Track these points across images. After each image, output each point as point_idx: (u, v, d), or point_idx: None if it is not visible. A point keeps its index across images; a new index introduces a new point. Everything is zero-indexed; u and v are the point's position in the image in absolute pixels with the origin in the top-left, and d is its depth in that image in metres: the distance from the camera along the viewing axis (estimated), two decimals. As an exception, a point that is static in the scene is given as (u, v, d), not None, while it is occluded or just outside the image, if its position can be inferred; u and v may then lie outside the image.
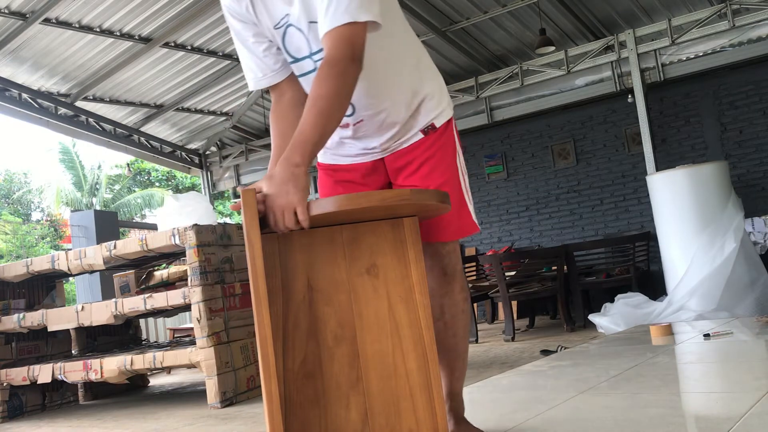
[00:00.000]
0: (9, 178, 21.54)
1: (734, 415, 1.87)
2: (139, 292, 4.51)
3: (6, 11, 5.84)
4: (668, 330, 3.93)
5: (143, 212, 18.98)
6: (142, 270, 4.98)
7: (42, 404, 4.65)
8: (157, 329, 7.88)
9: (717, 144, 6.78)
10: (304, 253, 1.46)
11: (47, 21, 6.06)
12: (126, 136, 8.28)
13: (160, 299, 3.93)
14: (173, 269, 4.90)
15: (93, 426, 3.82)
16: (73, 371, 4.16)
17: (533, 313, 6.61)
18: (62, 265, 4.31)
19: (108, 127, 8.02)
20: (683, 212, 5.30)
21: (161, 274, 4.92)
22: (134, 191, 19.85)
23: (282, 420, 1.31)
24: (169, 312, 4.82)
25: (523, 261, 6.02)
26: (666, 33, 6.28)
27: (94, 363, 4.07)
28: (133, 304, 4.00)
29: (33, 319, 4.35)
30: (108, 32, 6.43)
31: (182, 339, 6.21)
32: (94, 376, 4.07)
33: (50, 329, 4.35)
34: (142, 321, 6.61)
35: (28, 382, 4.35)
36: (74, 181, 18.77)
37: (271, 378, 1.30)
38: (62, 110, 7.45)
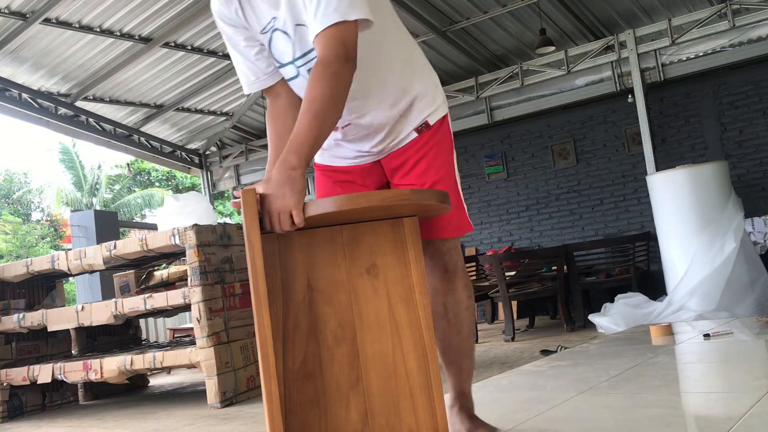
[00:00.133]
0: (9, 178, 21.53)
1: (734, 415, 1.87)
2: (139, 292, 4.51)
3: (6, 11, 5.84)
4: (668, 330, 3.93)
5: (143, 212, 18.97)
6: (142, 270, 4.98)
7: (42, 404, 4.65)
8: (157, 329, 7.87)
9: (717, 144, 6.78)
10: (304, 253, 1.46)
11: (47, 21, 6.06)
12: (126, 136, 8.28)
13: (160, 299, 3.94)
14: (173, 269, 4.90)
15: (93, 426, 3.82)
16: (73, 371, 4.16)
17: (533, 313, 6.61)
18: (62, 265, 4.31)
19: (108, 127, 8.02)
20: (683, 212, 5.30)
21: (161, 274, 4.92)
22: (134, 191, 19.85)
23: (282, 420, 1.31)
24: (169, 312, 4.82)
25: (523, 261, 6.03)
26: (666, 33, 6.28)
27: (94, 363, 4.07)
28: (133, 304, 4.01)
29: (33, 319, 4.35)
30: (108, 32, 6.43)
31: (182, 339, 6.21)
32: (94, 376, 4.07)
33: (50, 329, 4.35)
34: (142, 321, 6.61)
35: (28, 382, 4.35)
36: (74, 181, 18.77)
37: (271, 378, 1.30)
38: (62, 110, 7.44)
